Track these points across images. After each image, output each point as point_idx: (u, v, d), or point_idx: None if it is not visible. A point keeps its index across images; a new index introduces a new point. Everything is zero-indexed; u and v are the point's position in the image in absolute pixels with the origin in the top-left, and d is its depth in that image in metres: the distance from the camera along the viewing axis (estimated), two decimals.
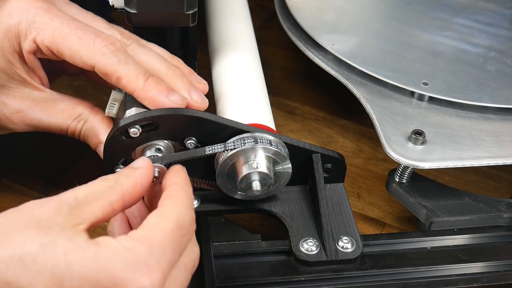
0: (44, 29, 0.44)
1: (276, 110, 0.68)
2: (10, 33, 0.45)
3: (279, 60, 0.75)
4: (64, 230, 0.34)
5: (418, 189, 0.53)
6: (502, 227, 0.51)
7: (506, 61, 0.62)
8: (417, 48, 0.63)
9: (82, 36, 0.44)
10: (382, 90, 0.58)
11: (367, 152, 0.64)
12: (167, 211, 0.37)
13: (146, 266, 0.34)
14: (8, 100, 0.48)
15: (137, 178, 0.39)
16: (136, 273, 0.34)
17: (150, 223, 0.36)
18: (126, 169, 0.40)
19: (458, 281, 0.47)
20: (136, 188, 0.39)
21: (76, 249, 0.33)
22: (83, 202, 0.36)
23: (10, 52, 0.46)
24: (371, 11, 0.69)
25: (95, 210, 0.36)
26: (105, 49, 0.44)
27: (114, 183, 0.38)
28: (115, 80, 0.44)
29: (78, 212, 0.35)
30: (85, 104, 0.49)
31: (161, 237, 0.35)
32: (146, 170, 0.40)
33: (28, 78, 0.47)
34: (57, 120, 0.48)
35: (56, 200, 0.35)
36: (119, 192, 0.38)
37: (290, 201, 0.50)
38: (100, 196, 0.37)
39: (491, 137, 0.54)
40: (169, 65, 0.47)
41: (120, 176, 0.39)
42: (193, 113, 0.45)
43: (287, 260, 0.47)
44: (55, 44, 0.44)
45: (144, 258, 0.34)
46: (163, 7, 0.48)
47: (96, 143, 0.48)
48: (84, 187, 0.37)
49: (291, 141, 0.48)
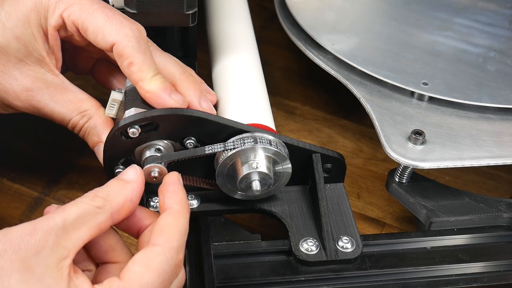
0: (73, 4, 0.45)
1: (276, 110, 0.68)
2: (39, 6, 0.46)
3: (279, 60, 0.75)
4: (47, 273, 0.34)
5: (418, 189, 0.53)
6: (502, 227, 0.51)
7: (506, 61, 0.62)
8: (417, 48, 0.63)
9: (110, 15, 0.45)
10: (382, 90, 0.58)
11: (367, 152, 0.64)
12: (153, 260, 0.36)
13: None
14: (21, 76, 0.47)
15: (127, 195, 0.39)
16: None
17: (134, 273, 0.36)
18: (116, 182, 0.39)
19: (458, 281, 0.47)
20: (126, 205, 0.39)
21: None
22: (70, 228, 0.35)
23: (36, 25, 0.46)
24: (371, 11, 0.69)
25: (82, 235, 0.36)
26: (129, 32, 0.44)
27: (103, 203, 0.37)
28: (127, 64, 0.45)
29: (64, 242, 0.35)
30: (93, 101, 0.49)
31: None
32: (137, 184, 0.39)
33: (46, 57, 0.47)
34: (61, 109, 0.48)
35: (44, 230, 0.35)
36: (107, 213, 0.37)
37: (290, 201, 0.50)
38: (88, 219, 0.36)
39: (491, 137, 0.54)
40: (184, 71, 0.48)
41: (110, 193, 0.38)
42: (193, 113, 0.45)
43: (287, 260, 0.47)
44: (81, 20, 0.45)
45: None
46: (163, 7, 0.48)
47: (95, 142, 0.48)
48: (72, 208, 0.36)
49: (291, 141, 0.48)
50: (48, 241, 0.34)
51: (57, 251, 0.35)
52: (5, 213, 0.55)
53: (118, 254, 0.40)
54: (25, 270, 0.33)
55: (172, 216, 0.38)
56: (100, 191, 0.38)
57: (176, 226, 0.38)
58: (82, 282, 0.35)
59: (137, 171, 0.40)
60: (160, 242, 0.37)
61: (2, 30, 0.46)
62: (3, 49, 0.46)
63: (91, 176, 0.59)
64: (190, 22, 0.50)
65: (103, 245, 0.40)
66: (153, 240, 0.37)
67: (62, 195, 0.57)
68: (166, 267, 0.37)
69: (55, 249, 0.35)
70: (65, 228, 0.35)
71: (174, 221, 0.38)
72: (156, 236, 0.37)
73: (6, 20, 0.46)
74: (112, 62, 0.51)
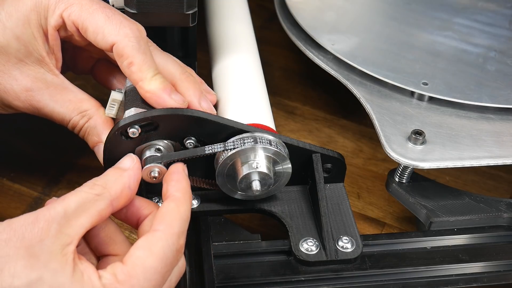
0: (72, 4, 0.45)
1: (276, 110, 0.68)
2: (39, 6, 0.46)
3: (279, 60, 0.75)
4: (52, 258, 0.34)
5: (418, 189, 0.53)
6: (502, 227, 0.51)
7: (506, 61, 0.62)
8: (417, 48, 0.63)
9: (110, 15, 0.45)
10: (382, 90, 0.58)
11: (367, 152, 0.64)
12: (155, 245, 0.37)
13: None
14: (21, 76, 0.47)
15: (125, 182, 0.40)
16: None
17: (137, 257, 0.36)
18: (113, 171, 0.40)
19: (458, 281, 0.47)
20: (125, 193, 0.39)
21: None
22: (71, 216, 0.36)
23: (36, 25, 0.46)
24: (371, 11, 0.69)
25: (83, 222, 0.36)
26: (129, 32, 0.44)
27: (102, 190, 0.38)
28: (127, 64, 0.45)
29: (67, 230, 0.36)
30: (93, 101, 0.49)
31: (144, 278, 0.36)
32: (134, 171, 0.40)
33: (46, 57, 0.47)
34: (61, 109, 0.48)
35: (46, 219, 0.35)
36: (107, 200, 0.38)
37: (290, 201, 0.50)
38: (89, 207, 0.37)
39: (491, 137, 0.54)
40: (184, 71, 0.48)
41: (108, 181, 0.39)
42: (193, 113, 0.45)
43: (287, 260, 0.47)
44: (81, 19, 0.45)
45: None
46: (163, 7, 0.48)
47: (95, 142, 0.48)
48: (72, 197, 0.37)
49: (291, 141, 0.48)
50: (51, 229, 0.35)
51: (61, 238, 0.35)
52: (5, 213, 0.55)
53: (119, 246, 0.40)
54: (30, 256, 0.34)
55: (174, 203, 0.39)
56: (98, 179, 0.39)
57: (177, 212, 0.39)
58: (86, 267, 0.36)
59: (133, 159, 0.41)
60: (162, 228, 0.38)
61: (2, 30, 0.46)
62: (3, 49, 0.46)
63: (91, 176, 0.58)
64: (190, 22, 0.50)
65: (104, 237, 0.40)
66: (154, 226, 0.38)
67: (62, 195, 0.57)
68: (168, 252, 0.37)
69: (59, 236, 0.35)
70: (67, 216, 0.36)
71: (176, 208, 0.39)
72: (157, 222, 0.38)
73: (6, 20, 0.46)
74: (112, 62, 0.51)
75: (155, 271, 0.36)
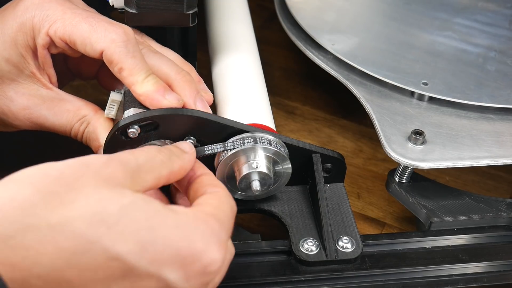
0: (56, 21, 0.45)
1: (276, 110, 0.68)
2: (24, 27, 0.46)
3: (279, 60, 0.75)
4: (134, 193, 0.35)
5: (418, 189, 0.53)
6: (502, 227, 0.51)
7: (506, 61, 0.62)
8: (417, 48, 0.63)
9: (93, 24, 0.45)
10: (382, 90, 0.58)
11: (367, 152, 0.64)
12: (223, 198, 0.39)
13: (219, 240, 0.36)
14: (16, 96, 0.48)
15: (185, 162, 0.41)
16: (213, 246, 0.35)
17: (212, 203, 0.38)
18: (175, 149, 0.41)
19: (458, 281, 0.47)
20: (181, 172, 0.40)
21: (157, 215, 0.34)
22: (142, 169, 0.37)
23: (23, 46, 0.46)
24: (371, 11, 0.69)
25: (148, 180, 0.37)
26: (116, 37, 0.44)
27: (167, 160, 0.39)
28: (117, 70, 0.45)
29: (137, 178, 0.36)
30: (90, 106, 0.49)
31: (225, 218, 0.37)
32: (193, 157, 0.42)
33: (38, 74, 0.47)
34: (61, 120, 0.48)
35: (118, 160, 0.36)
36: (168, 170, 0.39)
37: (290, 201, 0.50)
38: (154, 168, 0.38)
39: (491, 137, 0.54)
40: (179, 71, 0.48)
41: (172, 155, 0.40)
42: (193, 113, 0.45)
43: (287, 260, 0.47)
44: (67, 34, 0.45)
45: (218, 233, 0.36)
46: (163, 7, 0.48)
47: (97, 146, 0.48)
48: (142, 152, 0.38)
49: (291, 141, 0.48)
50: (126, 172, 0.36)
51: (133, 183, 0.36)
52: None
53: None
54: (113, 187, 0.34)
55: (212, 175, 0.42)
56: (164, 148, 0.40)
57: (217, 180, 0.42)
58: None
59: (191, 146, 0.43)
60: (221, 190, 0.40)
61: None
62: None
63: None
64: (190, 22, 0.50)
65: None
66: (211, 189, 0.40)
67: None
68: (233, 206, 0.40)
69: (132, 180, 0.36)
70: (138, 167, 0.37)
71: (217, 179, 0.42)
72: (212, 186, 0.41)
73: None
74: None
75: (228, 216, 0.38)
